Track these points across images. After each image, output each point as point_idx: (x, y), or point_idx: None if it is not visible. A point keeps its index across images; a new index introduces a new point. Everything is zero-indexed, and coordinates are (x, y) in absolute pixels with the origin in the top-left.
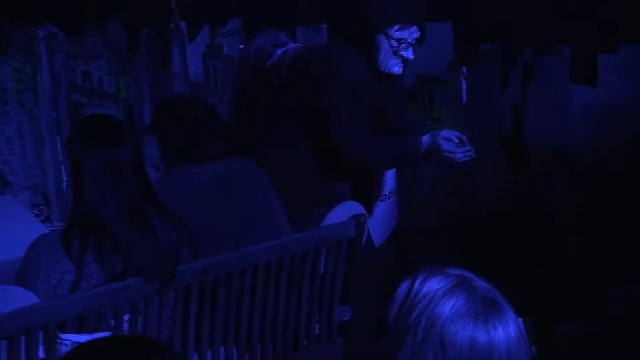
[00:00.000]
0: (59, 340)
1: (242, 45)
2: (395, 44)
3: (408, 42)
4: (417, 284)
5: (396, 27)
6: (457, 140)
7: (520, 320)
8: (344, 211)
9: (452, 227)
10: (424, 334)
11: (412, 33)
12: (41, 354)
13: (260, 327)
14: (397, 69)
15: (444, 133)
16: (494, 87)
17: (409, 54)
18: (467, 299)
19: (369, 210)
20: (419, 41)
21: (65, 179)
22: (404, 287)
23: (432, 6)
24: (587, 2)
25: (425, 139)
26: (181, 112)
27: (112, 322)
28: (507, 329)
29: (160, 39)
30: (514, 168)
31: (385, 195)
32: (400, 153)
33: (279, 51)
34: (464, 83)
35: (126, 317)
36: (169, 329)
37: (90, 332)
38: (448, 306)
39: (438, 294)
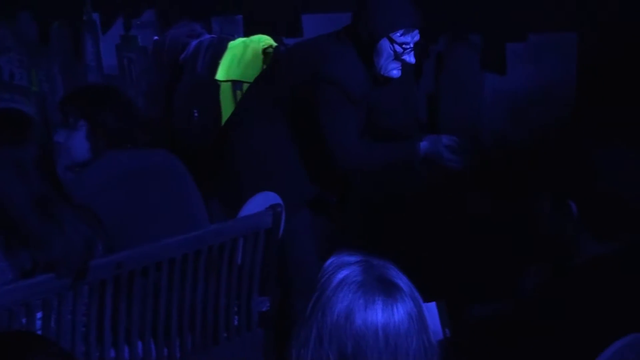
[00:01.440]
0: None
1: (156, 37)
2: (399, 48)
3: (410, 47)
4: (332, 259)
5: (400, 32)
6: (456, 147)
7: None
8: (260, 202)
9: (369, 214)
10: (317, 297)
11: (414, 37)
12: None
13: (179, 320)
14: (396, 73)
15: (446, 140)
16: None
17: (411, 59)
18: (360, 273)
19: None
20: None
21: None
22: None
23: None
24: None
25: (423, 144)
26: (112, 99)
27: (24, 321)
28: (388, 311)
29: (72, 31)
30: None
31: None
32: (397, 158)
33: (194, 42)
34: None
35: (39, 314)
36: (84, 326)
37: (2, 330)
38: (340, 276)
39: (335, 265)
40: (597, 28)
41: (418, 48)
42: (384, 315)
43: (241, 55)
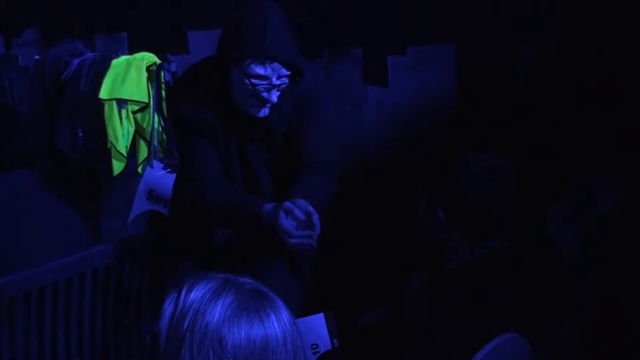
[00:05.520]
0: None
1: (37, 56)
2: (255, 81)
3: (271, 82)
4: (183, 293)
5: (248, 61)
6: (302, 217)
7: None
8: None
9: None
10: (200, 336)
11: (277, 71)
12: None
13: (65, 345)
14: (254, 111)
15: (287, 205)
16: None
17: (271, 97)
18: (235, 295)
19: None
20: (294, 78)
21: None
22: (170, 298)
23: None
24: (375, 6)
25: (267, 206)
26: None
27: None
28: (279, 316)
29: None
30: None
31: None
32: (240, 213)
33: (76, 61)
34: None
35: None
36: None
37: None
38: (218, 306)
39: (206, 298)
40: (473, 39)
41: (295, 83)
42: (279, 324)
43: (125, 73)
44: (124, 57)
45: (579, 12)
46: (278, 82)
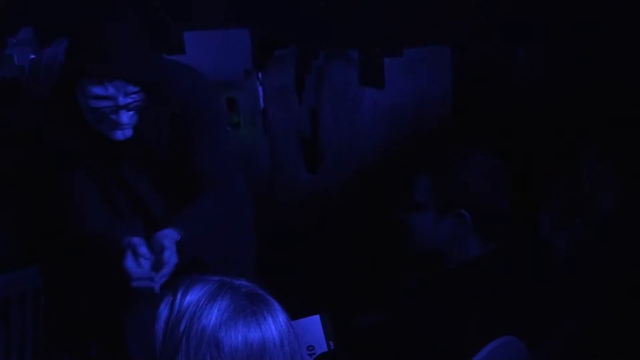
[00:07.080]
0: None
1: (32, 56)
2: (96, 103)
3: (117, 103)
4: (178, 297)
5: (85, 81)
6: (148, 257)
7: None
8: None
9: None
10: (197, 341)
11: (122, 89)
12: None
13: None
14: (111, 134)
15: (133, 241)
16: (290, 92)
17: (120, 118)
18: (232, 298)
19: None
20: (149, 94)
21: None
22: (165, 302)
23: (229, 12)
24: (371, 7)
25: (125, 240)
26: None
27: None
28: (276, 319)
29: None
30: (312, 170)
31: None
32: (106, 249)
33: None
34: (260, 89)
35: None
36: None
37: None
38: (215, 310)
39: (202, 301)
40: (470, 40)
41: (149, 102)
42: (276, 327)
43: None
44: None
45: (576, 13)
46: (128, 101)
